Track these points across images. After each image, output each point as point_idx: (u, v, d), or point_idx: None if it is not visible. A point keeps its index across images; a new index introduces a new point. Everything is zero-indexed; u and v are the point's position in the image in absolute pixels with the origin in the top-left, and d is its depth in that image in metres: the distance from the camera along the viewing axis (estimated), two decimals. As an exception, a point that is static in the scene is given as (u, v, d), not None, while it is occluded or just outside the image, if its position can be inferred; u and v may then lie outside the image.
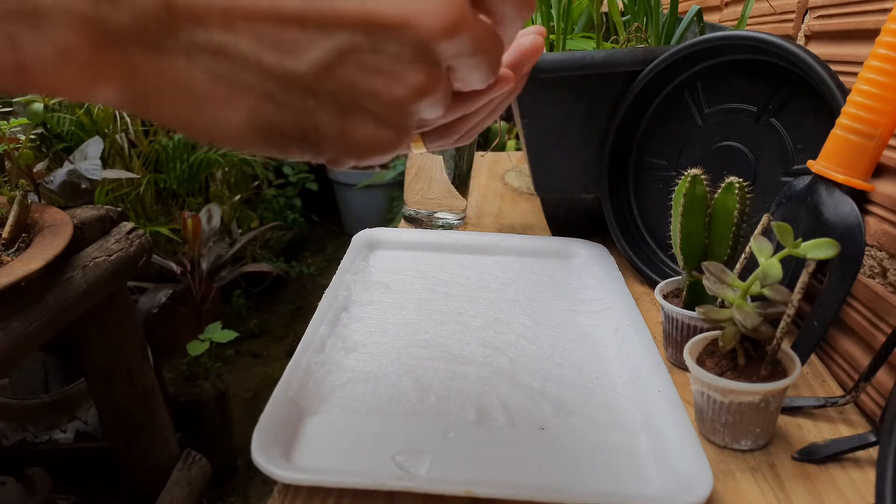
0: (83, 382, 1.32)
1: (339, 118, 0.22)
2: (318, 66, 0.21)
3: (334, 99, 0.22)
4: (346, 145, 0.23)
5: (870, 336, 0.46)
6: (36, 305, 0.82)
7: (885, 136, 0.40)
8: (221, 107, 0.21)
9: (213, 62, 0.20)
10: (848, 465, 0.40)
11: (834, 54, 0.53)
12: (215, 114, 0.21)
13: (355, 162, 0.24)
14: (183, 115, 0.21)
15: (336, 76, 0.21)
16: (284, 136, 0.22)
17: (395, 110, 0.23)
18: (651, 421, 0.43)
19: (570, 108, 0.64)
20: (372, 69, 0.21)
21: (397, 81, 0.22)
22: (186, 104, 0.21)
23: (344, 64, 0.21)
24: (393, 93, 0.22)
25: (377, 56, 0.21)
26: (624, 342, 0.52)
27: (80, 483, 1.30)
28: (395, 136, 0.24)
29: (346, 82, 0.21)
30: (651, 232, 0.66)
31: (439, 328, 0.55)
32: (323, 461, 0.40)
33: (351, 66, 0.21)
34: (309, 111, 0.22)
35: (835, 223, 0.42)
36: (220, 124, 0.21)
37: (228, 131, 0.22)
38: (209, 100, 0.21)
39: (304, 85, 0.21)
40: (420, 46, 0.21)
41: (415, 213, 0.81)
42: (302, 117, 0.22)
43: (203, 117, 0.21)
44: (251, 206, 2.57)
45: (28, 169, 1.00)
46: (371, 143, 0.23)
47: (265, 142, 0.22)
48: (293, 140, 0.22)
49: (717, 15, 0.87)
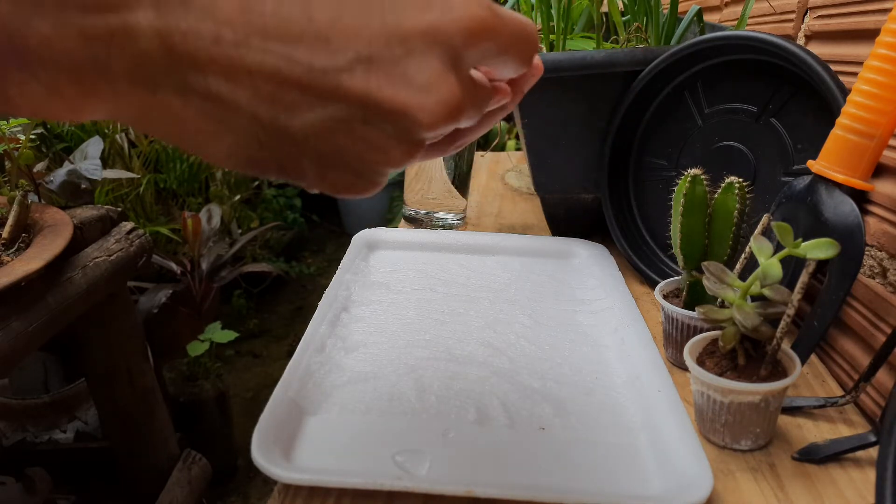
0: (83, 382, 1.32)
1: (321, 168, 0.23)
2: (311, 127, 0.21)
3: (319, 154, 0.22)
4: (323, 185, 0.24)
5: (870, 336, 0.46)
6: (36, 305, 0.82)
7: (885, 136, 0.40)
8: (208, 139, 0.21)
9: (206, 105, 0.20)
10: (848, 465, 0.40)
11: (834, 54, 0.53)
12: (201, 143, 0.22)
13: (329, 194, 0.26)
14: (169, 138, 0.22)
15: (326, 138, 0.22)
16: (265, 168, 0.23)
17: (376, 172, 0.24)
18: (651, 421, 0.43)
19: (570, 108, 0.64)
20: (361, 138, 0.22)
21: (383, 154, 0.23)
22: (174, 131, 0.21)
23: (336, 130, 0.21)
24: (377, 160, 0.23)
25: (369, 129, 0.22)
26: (624, 342, 0.52)
27: (80, 483, 1.30)
28: (371, 186, 0.25)
29: (334, 145, 0.22)
30: (651, 232, 0.66)
31: (439, 328, 0.55)
32: (323, 461, 0.40)
33: (342, 133, 0.22)
34: (292, 157, 0.22)
35: (835, 223, 0.42)
36: (205, 150, 0.22)
37: (213, 157, 0.22)
38: (197, 132, 0.21)
39: (293, 139, 0.22)
40: (412, 132, 0.22)
41: (415, 213, 0.81)
42: (285, 160, 0.23)
43: (189, 144, 0.22)
44: (251, 206, 2.57)
45: (28, 169, 1.00)
46: (346, 188, 0.24)
47: (245, 168, 0.23)
48: (273, 171, 0.23)
49: (717, 15, 0.87)
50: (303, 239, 2.99)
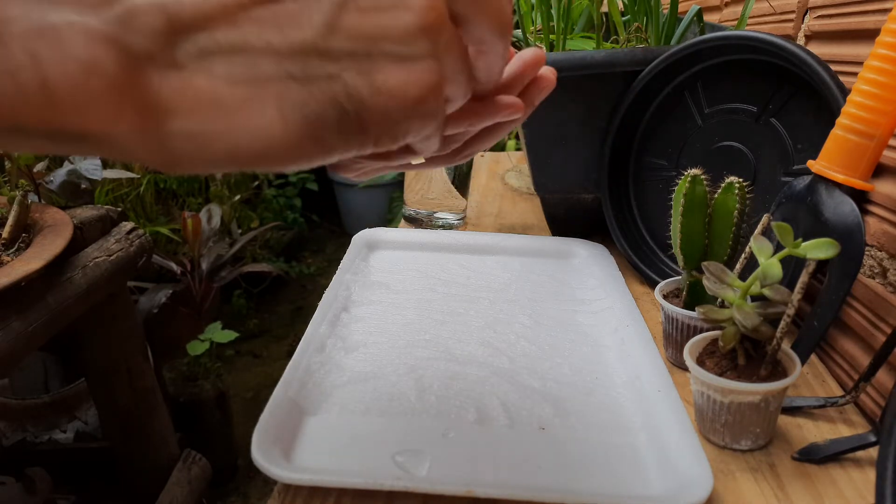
0: (83, 382, 1.32)
1: (365, 74, 0.22)
2: (322, 27, 0.21)
3: (351, 55, 0.21)
4: (385, 104, 0.22)
5: (870, 336, 0.46)
6: (36, 305, 0.82)
7: (885, 136, 0.40)
8: (252, 110, 0.21)
9: (227, 65, 0.20)
10: (848, 465, 0.40)
11: (834, 54, 0.53)
12: (250, 121, 0.21)
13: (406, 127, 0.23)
14: (219, 136, 0.21)
15: (342, 30, 0.21)
16: (324, 122, 0.21)
17: (413, 41, 0.22)
18: (651, 421, 0.43)
19: (570, 108, 0.64)
20: (372, 9, 0.21)
21: (401, 11, 0.22)
22: (218, 120, 0.20)
23: (344, 14, 0.21)
24: (402, 23, 0.22)
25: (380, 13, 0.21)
26: (624, 342, 0.52)
27: (80, 483, 1.30)
28: (428, 69, 0.23)
29: (353, 32, 0.21)
30: (651, 232, 0.66)
31: (439, 328, 0.55)
32: (323, 461, 0.40)
33: (352, 14, 0.21)
34: (334, 77, 0.21)
35: (835, 223, 0.42)
36: (259, 131, 0.21)
37: (270, 135, 0.21)
38: (238, 108, 0.20)
39: (317, 51, 0.21)
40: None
41: (415, 213, 0.81)
42: (330, 87, 0.21)
43: (240, 130, 0.21)
44: (251, 206, 2.57)
45: (28, 169, 1.00)
46: (409, 87, 0.22)
47: (310, 138, 0.22)
48: (334, 123, 0.22)
49: (717, 15, 0.87)
50: (303, 239, 2.99)
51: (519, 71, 0.31)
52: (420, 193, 0.80)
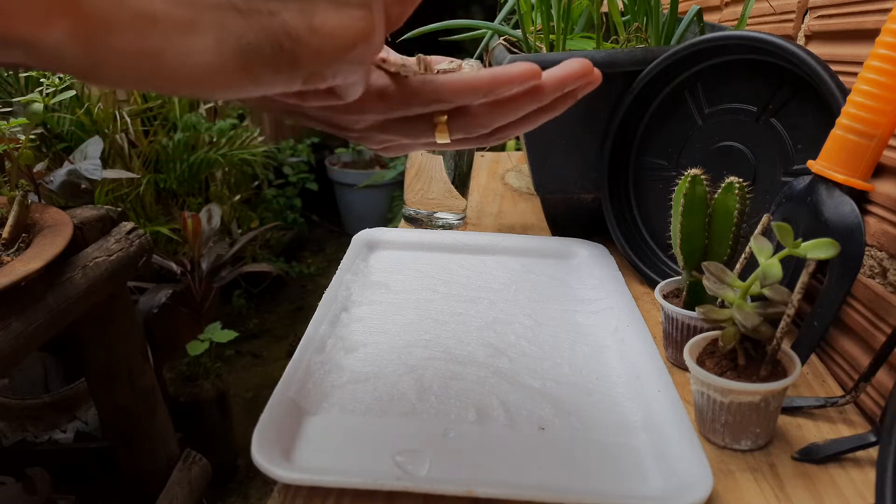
0: (83, 382, 1.32)
1: (304, 14, 0.22)
2: None
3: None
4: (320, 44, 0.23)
5: (870, 336, 0.46)
6: (36, 305, 0.82)
7: (885, 136, 0.40)
8: (189, 32, 0.20)
9: None
10: (848, 465, 0.40)
11: (834, 54, 0.53)
12: (185, 42, 0.20)
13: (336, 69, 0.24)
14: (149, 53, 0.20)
15: None
16: (259, 55, 0.22)
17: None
18: (651, 421, 0.43)
19: (569, 108, 0.64)
20: None
21: None
22: (153, 38, 0.20)
23: None
24: None
25: None
26: (624, 342, 0.52)
27: (80, 483, 1.30)
28: (362, 17, 0.23)
29: None
30: (651, 232, 0.66)
31: (439, 328, 0.55)
32: (323, 461, 0.40)
33: None
34: (274, 14, 0.22)
35: (835, 223, 0.42)
36: (192, 54, 0.20)
37: (203, 61, 0.21)
38: (175, 28, 0.20)
39: None
40: None
41: (415, 213, 0.81)
42: (270, 22, 0.21)
43: (172, 50, 0.20)
44: (251, 206, 2.57)
45: (28, 169, 1.00)
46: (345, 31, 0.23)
47: (242, 69, 0.22)
48: (268, 58, 0.22)
49: (717, 15, 0.87)
50: (303, 239, 2.99)
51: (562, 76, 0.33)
52: (420, 193, 0.80)
